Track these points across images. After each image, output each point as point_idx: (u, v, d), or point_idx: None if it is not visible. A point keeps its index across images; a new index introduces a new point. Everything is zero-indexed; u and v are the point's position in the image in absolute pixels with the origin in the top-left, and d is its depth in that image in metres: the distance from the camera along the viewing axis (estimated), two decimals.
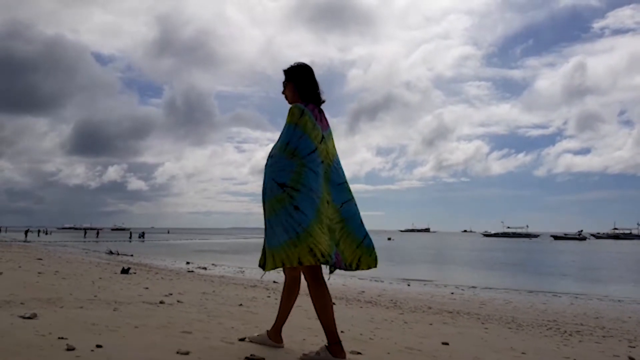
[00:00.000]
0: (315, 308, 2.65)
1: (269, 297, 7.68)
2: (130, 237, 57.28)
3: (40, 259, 12.97)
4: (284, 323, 2.95)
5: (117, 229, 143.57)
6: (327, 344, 2.65)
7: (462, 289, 12.45)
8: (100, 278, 8.35)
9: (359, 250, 2.69)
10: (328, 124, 2.82)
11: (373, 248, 2.77)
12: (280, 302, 2.93)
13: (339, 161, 2.82)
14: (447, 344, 3.85)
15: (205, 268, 16.70)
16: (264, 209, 2.66)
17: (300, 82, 2.79)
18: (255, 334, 3.11)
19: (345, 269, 2.66)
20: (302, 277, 2.78)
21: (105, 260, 18.80)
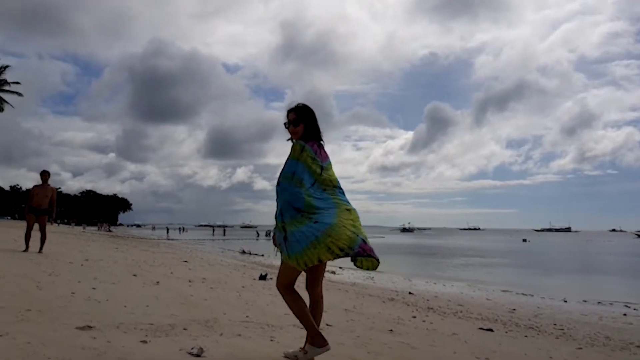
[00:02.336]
0: (293, 312, 3.14)
1: (414, 317, 7.13)
2: (257, 236, 60.35)
3: (186, 262, 13.80)
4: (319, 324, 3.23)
5: (245, 227, 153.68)
6: (308, 339, 3.13)
7: (635, 309, 10.67)
8: (243, 287, 8.47)
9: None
10: (327, 156, 3.23)
11: None
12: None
13: (341, 187, 3.22)
14: None
15: (333, 272, 16.59)
16: (282, 228, 3.00)
17: (310, 123, 3.21)
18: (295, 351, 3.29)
19: (371, 257, 2.93)
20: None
21: (240, 261, 19.69)
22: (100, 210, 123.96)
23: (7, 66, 45.08)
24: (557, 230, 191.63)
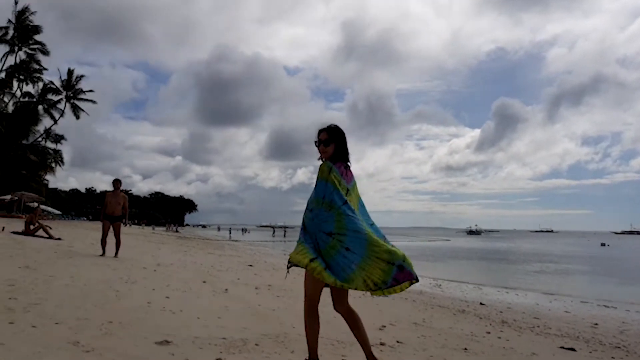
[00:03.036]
0: (305, 330, 3.30)
1: (488, 332, 6.78)
2: None
3: (251, 266, 14.04)
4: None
5: None
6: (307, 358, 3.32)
7: None
8: None
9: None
10: (352, 177, 3.31)
11: None
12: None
13: (363, 205, 3.34)
14: None
15: None
16: (323, 259, 3.01)
17: (340, 144, 3.27)
18: None
19: (414, 280, 3.09)
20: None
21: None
22: (168, 211, 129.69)
23: (82, 76, 48.19)
24: (638, 232, 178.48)
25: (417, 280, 3.09)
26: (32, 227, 13.76)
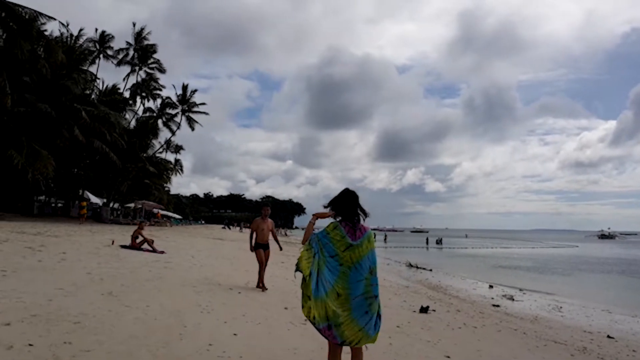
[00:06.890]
0: None
1: None
2: (427, 243, 58.51)
3: None
4: None
5: (415, 231, 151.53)
6: None
7: None
8: (398, 327, 7.60)
9: (360, 333, 3.43)
10: (361, 235, 3.62)
11: (373, 334, 3.50)
12: None
13: (366, 260, 3.56)
14: None
15: (512, 298, 14.61)
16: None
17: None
18: None
19: (347, 345, 3.47)
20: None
21: (404, 280, 18.81)
22: (278, 214, 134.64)
23: (195, 90, 51.54)
24: None
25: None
26: (137, 240, 14.48)
